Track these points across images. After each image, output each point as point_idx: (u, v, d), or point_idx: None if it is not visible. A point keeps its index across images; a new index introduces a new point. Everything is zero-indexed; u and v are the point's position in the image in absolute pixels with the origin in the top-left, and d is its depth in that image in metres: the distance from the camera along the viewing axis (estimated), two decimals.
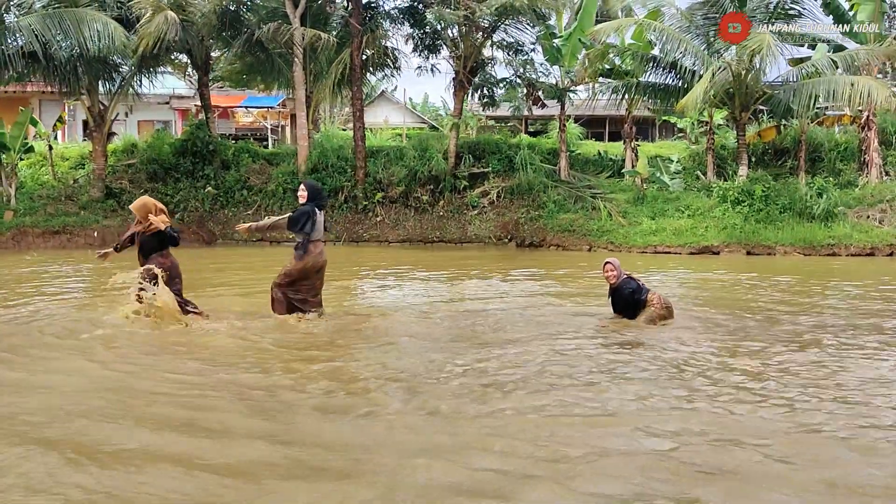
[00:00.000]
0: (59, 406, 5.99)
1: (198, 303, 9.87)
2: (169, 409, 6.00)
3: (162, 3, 20.55)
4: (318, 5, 25.05)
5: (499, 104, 25.34)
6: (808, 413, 5.83)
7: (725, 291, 13.22)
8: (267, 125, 39.90)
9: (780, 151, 24.87)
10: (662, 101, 24.13)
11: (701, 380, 6.80)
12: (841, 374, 6.99)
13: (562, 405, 6.06)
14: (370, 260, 19.20)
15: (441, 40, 24.79)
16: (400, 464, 4.80)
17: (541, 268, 16.81)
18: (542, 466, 4.73)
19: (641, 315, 9.27)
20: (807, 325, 9.53)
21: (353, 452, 5.00)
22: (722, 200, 21.45)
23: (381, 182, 24.14)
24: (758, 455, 4.90)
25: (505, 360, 7.56)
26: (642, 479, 4.50)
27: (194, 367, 7.32)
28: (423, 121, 54.00)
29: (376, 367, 7.37)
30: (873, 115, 22.83)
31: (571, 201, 23.02)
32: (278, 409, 6.03)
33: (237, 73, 27.25)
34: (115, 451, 5.00)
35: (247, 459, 4.90)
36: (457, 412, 5.90)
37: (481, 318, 10.11)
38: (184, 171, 24.39)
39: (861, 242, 19.76)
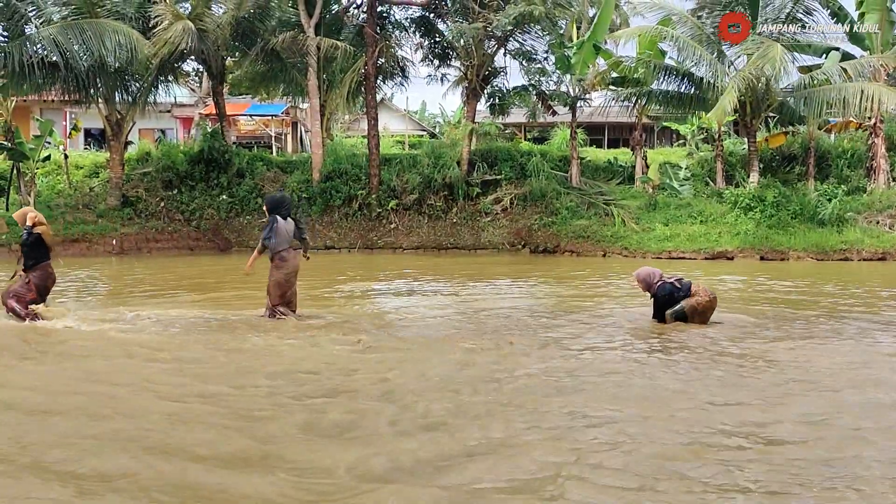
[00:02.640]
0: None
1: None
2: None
3: (180, 13, 20.79)
4: (332, 15, 25.34)
5: (508, 112, 25.59)
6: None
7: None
8: (271, 133, 40.15)
9: (788, 158, 25.16)
10: (675, 108, 24.40)
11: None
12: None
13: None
14: (391, 266, 19.39)
15: (452, 50, 25.07)
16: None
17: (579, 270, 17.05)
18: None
19: (684, 301, 9.45)
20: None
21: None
22: (734, 207, 21.75)
23: (395, 189, 24.38)
24: None
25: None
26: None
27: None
28: (423, 128, 54.32)
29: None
30: (880, 121, 23.15)
31: (584, 208, 23.29)
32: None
33: (250, 81, 27.45)
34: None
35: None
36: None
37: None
38: (199, 179, 24.62)
39: (872, 247, 20.05)
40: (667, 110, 25.69)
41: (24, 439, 5.05)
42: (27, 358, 7.79)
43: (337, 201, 24.16)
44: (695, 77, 23.29)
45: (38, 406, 5.91)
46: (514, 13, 21.46)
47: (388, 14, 25.78)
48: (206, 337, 8.90)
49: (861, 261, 19.74)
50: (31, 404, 5.96)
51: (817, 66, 24.03)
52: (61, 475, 4.43)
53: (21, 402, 6.03)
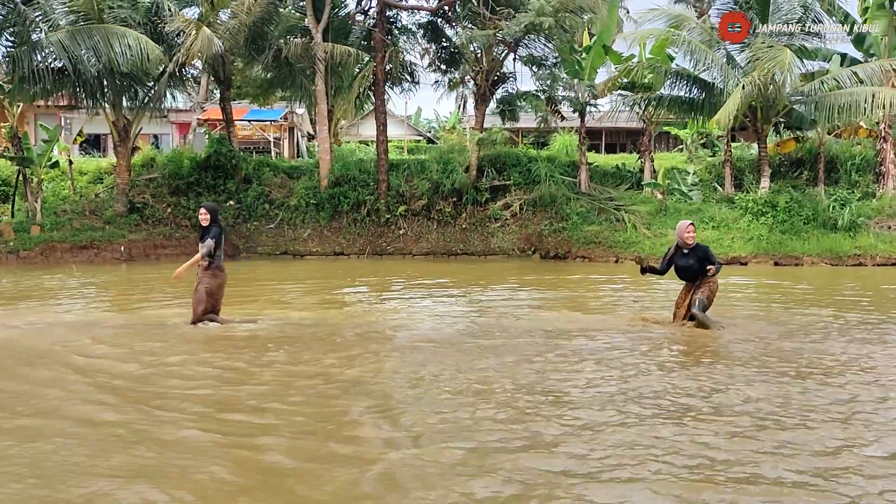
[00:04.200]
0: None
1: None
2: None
3: (197, 21, 20.67)
4: (339, 20, 25.24)
5: (518, 117, 25.54)
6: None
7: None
8: (270, 138, 40.02)
9: (797, 163, 25.20)
10: (685, 113, 24.43)
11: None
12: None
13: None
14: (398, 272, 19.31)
15: (460, 55, 25.00)
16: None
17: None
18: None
19: (701, 292, 9.60)
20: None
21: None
22: (745, 212, 21.76)
23: (404, 195, 24.27)
24: None
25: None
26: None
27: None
28: (420, 134, 54.30)
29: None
30: (889, 127, 23.23)
31: (594, 213, 23.25)
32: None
33: (258, 87, 27.31)
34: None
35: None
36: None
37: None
38: (206, 185, 24.43)
39: (886, 252, 20.10)
40: (676, 115, 25.68)
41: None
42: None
43: (345, 207, 24.03)
44: (705, 82, 23.34)
45: None
46: (525, 21, 21.37)
47: (396, 19, 25.70)
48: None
49: (875, 266, 19.77)
50: None
51: (823, 71, 24.10)
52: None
53: None
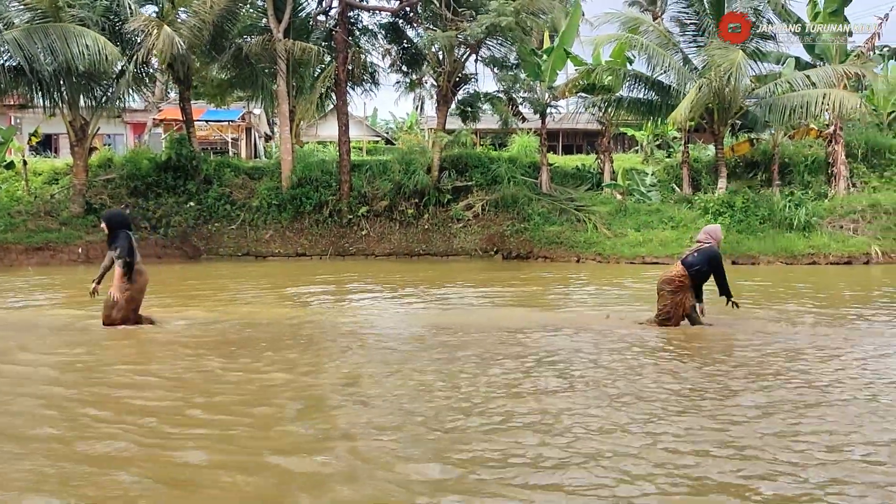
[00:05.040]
0: None
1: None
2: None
3: (158, 20, 20.47)
4: (300, 20, 25.15)
5: (479, 118, 25.69)
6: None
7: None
8: (227, 138, 39.70)
9: (752, 164, 25.68)
10: (644, 115, 24.80)
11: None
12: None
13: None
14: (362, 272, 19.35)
15: (422, 56, 25.10)
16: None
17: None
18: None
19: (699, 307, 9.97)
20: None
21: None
22: (704, 212, 22.17)
23: (366, 196, 24.25)
24: None
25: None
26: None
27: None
28: (378, 134, 54.29)
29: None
30: (840, 129, 23.83)
31: (556, 214, 23.47)
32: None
33: (215, 87, 27.08)
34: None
35: None
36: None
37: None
38: (166, 186, 24.14)
39: (839, 251, 20.63)
40: (635, 117, 26.06)
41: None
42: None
43: (307, 208, 23.94)
44: (662, 84, 23.74)
45: None
46: (486, 22, 21.52)
47: (357, 20, 25.69)
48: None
49: (828, 264, 20.28)
50: None
51: (776, 74, 24.65)
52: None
53: None
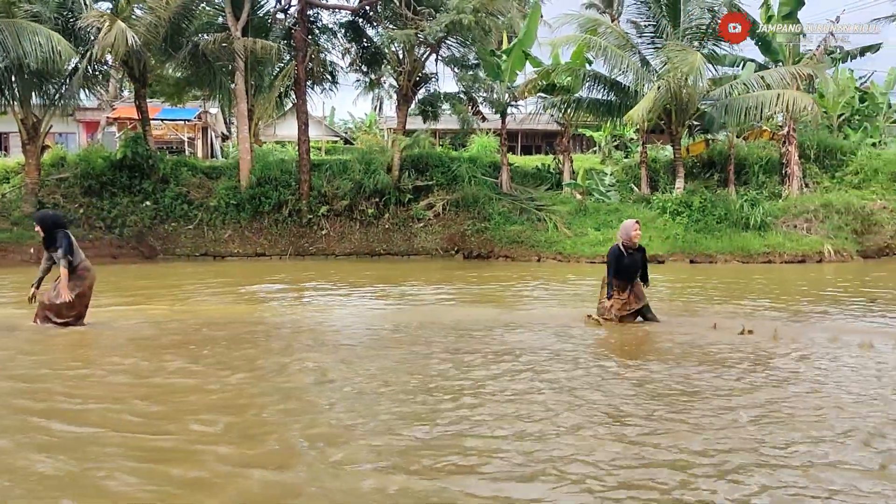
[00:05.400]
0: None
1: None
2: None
3: (112, 15, 20.11)
4: (259, 18, 24.91)
5: (440, 118, 25.70)
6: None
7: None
8: (183, 138, 39.18)
9: (708, 165, 26.05)
10: (603, 115, 25.03)
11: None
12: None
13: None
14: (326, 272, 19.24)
15: (382, 55, 25.05)
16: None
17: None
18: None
19: (640, 289, 9.88)
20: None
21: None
22: (662, 212, 22.43)
23: (326, 195, 24.10)
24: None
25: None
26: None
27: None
28: (336, 134, 54.04)
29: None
30: (793, 130, 24.28)
31: (516, 213, 23.58)
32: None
33: (172, 86, 26.69)
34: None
35: None
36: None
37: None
38: (121, 185, 23.72)
39: (793, 250, 21.04)
40: (594, 117, 26.29)
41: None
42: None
43: (266, 208, 23.73)
44: (621, 85, 23.98)
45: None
46: (446, 21, 21.54)
47: (317, 18, 25.53)
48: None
49: (783, 263, 20.66)
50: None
51: (731, 76, 25.05)
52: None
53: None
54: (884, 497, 4.24)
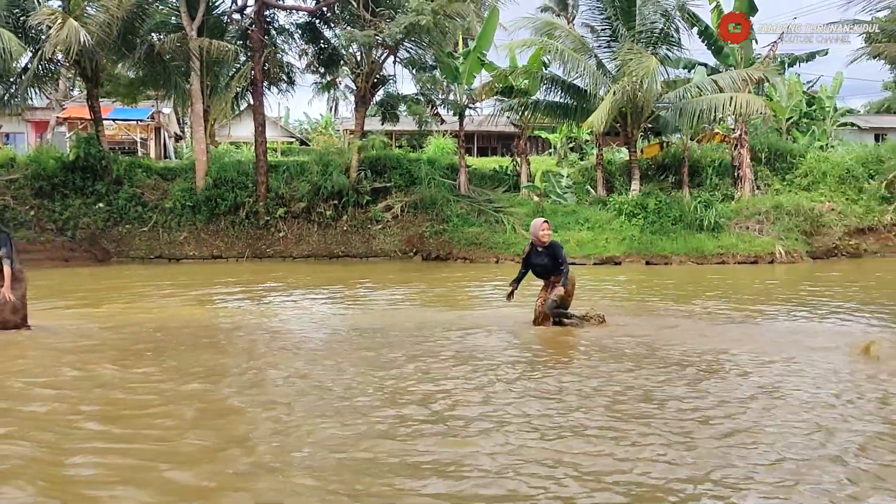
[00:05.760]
0: None
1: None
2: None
3: (64, 13, 19.75)
4: (214, 18, 24.67)
5: (398, 119, 25.70)
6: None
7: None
8: (136, 138, 38.65)
9: (662, 167, 26.41)
10: (560, 118, 25.28)
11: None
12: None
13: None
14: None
15: (339, 56, 25.00)
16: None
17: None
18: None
19: (556, 290, 9.71)
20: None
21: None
22: (619, 213, 22.71)
23: (283, 197, 23.96)
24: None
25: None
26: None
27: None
28: (292, 135, 53.76)
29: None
30: (745, 133, 24.75)
31: (475, 215, 23.69)
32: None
33: (126, 85, 26.29)
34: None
35: None
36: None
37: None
38: (74, 187, 23.32)
39: (746, 251, 21.45)
40: (552, 120, 26.53)
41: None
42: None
43: (223, 209, 23.51)
44: (578, 88, 24.23)
45: None
46: (405, 22, 21.55)
47: (273, 19, 25.36)
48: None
49: (736, 264, 21.05)
50: None
51: (685, 79, 25.47)
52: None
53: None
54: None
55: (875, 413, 5.98)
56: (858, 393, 6.59)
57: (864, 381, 7.01)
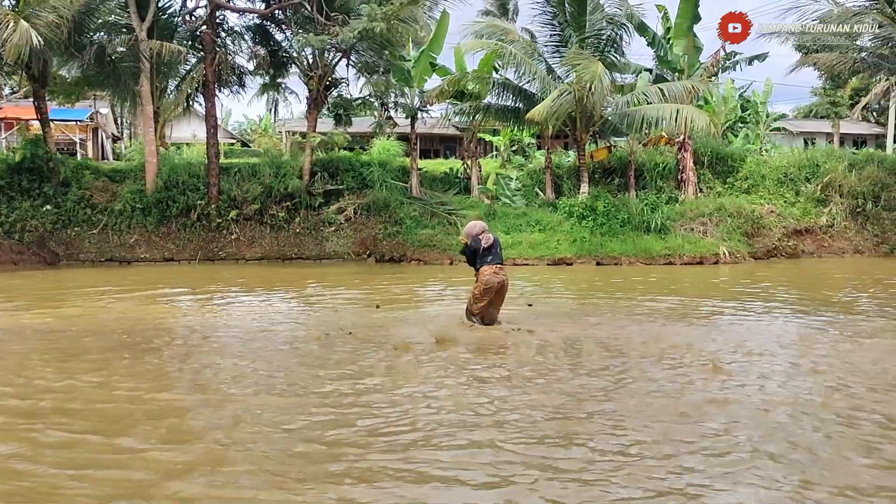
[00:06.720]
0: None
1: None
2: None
3: (15, 14, 19.38)
4: (164, 20, 24.45)
5: (352, 122, 25.78)
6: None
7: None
8: (76, 139, 37.93)
9: (609, 171, 27.00)
10: (510, 121, 25.73)
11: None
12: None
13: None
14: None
15: (290, 59, 25.03)
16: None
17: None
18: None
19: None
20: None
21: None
22: (568, 216, 23.23)
23: (235, 199, 23.87)
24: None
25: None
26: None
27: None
28: (233, 137, 53.28)
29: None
30: (689, 138, 25.52)
31: (427, 217, 23.94)
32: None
33: (72, 85, 25.85)
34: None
35: None
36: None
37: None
38: (20, 189, 22.91)
39: (692, 252, 22.15)
40: (502, 123, 26.99)
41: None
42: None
43: (174, 212, 23.34)
44: (527, 92, 24.69)
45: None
46: (359, 28, 21.69)
47: (224, 21, 25.24)
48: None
49: (683, 265, 21.74)
50: None
51: (632, 85, 26.15)
52: None
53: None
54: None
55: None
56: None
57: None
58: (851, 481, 5.11)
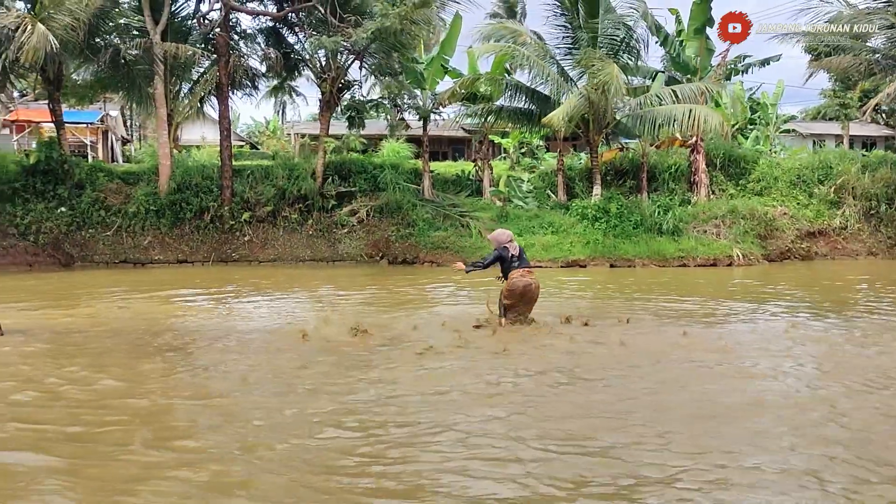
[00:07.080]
0: None
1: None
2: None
3: (32, 17, 19.46)
4: (178, 23, 24.55)
5: (364, 124, 25.84)
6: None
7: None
8: (87, 142, 38.08)
9: (621, 172, 27.00)
10: (523, 124, 25.72)
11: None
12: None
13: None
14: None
15: (303, 61, 25.10)
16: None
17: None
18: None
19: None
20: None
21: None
22: (581, 218, 23.22)
23: (249, 201, 23.94)
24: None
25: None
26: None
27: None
28: (242, 139, 53.37)
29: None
30: (701, 140, 25.50)
31: (440, 219, 23.97)
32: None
33: (88, 88, 25.93)
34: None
35: None
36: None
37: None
38: (35, 191, 23.01)
39: (705, 254, 22.14)
40: (514, 125, 26.99)
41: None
42: None
43: (188, 214, 23.41)
44: (541, 94, 24.69)
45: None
46: (372, 28, 21.76)
47: (237, 24, 25.36)
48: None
49: (696, 267, 21.72)
50: None
51: (645, 87, 26.13)
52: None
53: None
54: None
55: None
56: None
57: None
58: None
